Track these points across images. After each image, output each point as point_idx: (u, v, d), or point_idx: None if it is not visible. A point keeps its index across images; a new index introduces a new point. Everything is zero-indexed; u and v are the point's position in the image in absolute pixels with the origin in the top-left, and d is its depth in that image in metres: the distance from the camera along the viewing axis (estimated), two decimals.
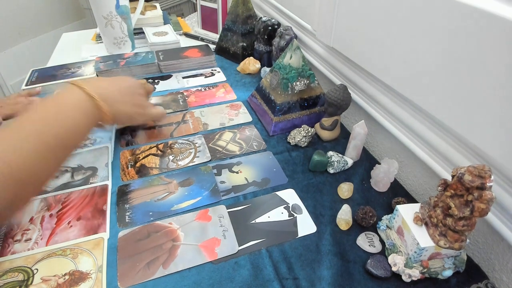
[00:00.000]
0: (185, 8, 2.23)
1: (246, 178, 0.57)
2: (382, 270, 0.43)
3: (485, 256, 0.46)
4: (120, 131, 0.66)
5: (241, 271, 0.43)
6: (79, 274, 0.42)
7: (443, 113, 0.46)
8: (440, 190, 0.40)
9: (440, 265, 0.42)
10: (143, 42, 1.03)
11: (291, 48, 0.63)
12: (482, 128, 0.41)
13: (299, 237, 0.48)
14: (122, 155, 0.61)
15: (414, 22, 0.46)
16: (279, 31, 0.79)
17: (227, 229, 0.48)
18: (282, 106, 0.64)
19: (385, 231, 0.47)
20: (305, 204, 0.52)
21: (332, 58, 0.72)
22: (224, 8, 1.00)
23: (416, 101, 0.50)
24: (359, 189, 0.56)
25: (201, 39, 1.07)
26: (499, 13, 0.35)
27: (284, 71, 0.63)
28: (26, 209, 0.50)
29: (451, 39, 0.42)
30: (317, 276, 0.43)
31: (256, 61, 0.89)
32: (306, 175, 0.58)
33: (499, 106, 0.38)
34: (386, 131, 0.60)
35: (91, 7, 0.89)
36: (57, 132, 0.43)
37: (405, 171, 0.59)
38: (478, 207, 0.35)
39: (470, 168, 0.36)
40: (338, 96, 0.60)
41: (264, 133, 0.68)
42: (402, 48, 0.50)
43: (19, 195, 0.39)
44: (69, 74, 0.82)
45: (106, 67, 0.84)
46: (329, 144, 0.65)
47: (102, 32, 0.93)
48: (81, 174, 0.56)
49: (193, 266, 0.43)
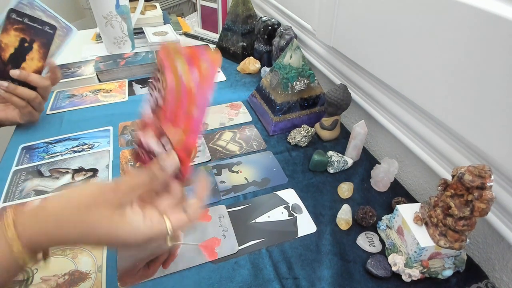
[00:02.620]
0: (185, 8, 2.23)
1: (246, 178, 0.57)
2: (382, 270, 0.43)
3: (485, 256, 0.46)
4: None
5: (241, 271, 0.43)
6: (79, 274, 0.42)
7: (443, 113, 0.46)
8: (440, 190, 0.40)
9: (440, 265, 0.42)
10: (143, 42, 1.03)
11: (291, 48, 0.63)
12: (482, 128, 0.41)
13: (299, 237, 0.48)
14: (122, 155, 0.61)
15: (414, 22, 0.46)
16: (279, 30, 0.79)
17: (227, 229, 0.48)
18: (282, 106, 0.64)
19: (385, 231, 0.47)
20: (305, 204, 0.52)
21: (332, 58, 0.72)
22: (224, 8, 1.00)
23: (416, 101, 0.50)
24: (359, 189, 0.55)
25: (201, 39, 1.07)
26: (498, 12, 0.35)
27: (284, 71, 0.63)
28: None
29: (451, 38, 0.42)
30: (317, 276, 0.43)
31: (256, 61, 0.89)
32: (306, 175, 0.58)
33: (499, 106, 0.38)
34: (386, 131, 0.60)
35: (91, 7, 0.89)
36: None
37: (405, 171, 0.59)
38: (478, 207, 0.35)
39: (470, 168, 0.36)
40: (338, 96, 0.60)
41: (264, 133, 0.68)
42: (402, 48, 0.50)
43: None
44: (69, 74, 0.82)
45: (106, 67, 0.84)
46: (329, 144, 0.65)
47: (102, 32, 0.93)
48: (82, 176, 0.56)
49: (193, 266, 0.43)
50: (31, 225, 0.31)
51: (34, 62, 0.61)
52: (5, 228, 0.30)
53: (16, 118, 0.64)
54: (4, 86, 0.59)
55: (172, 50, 0.34)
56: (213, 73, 0.33)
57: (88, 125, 0.68)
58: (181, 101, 0.35)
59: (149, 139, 0.37)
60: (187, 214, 0.35)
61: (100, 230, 0.32)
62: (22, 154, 0.61)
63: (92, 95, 0.78)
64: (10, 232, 0.30)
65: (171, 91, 0.35)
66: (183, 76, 0.34)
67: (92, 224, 0.31)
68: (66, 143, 0.63)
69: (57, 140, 0.64)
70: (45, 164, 0.58)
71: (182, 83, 0.34)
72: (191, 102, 0.34)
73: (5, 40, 0.58)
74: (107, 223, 0.32)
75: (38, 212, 0.32)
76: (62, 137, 0.65)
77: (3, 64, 0.59)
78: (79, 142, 0.64)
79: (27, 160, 0.59)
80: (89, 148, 0.62)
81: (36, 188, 0.54)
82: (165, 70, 0.35)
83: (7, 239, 0.30)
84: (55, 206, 0.32)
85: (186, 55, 0.34)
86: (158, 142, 0.36)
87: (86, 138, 0.65)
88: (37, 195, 0.52)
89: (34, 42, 0.60)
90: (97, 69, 0.83)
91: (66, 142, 0.64)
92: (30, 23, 0.59)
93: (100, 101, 0.76)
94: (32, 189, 0.53)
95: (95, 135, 0.66)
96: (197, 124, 0.34)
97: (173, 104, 0.35)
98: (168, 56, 0.34)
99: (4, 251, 0.30)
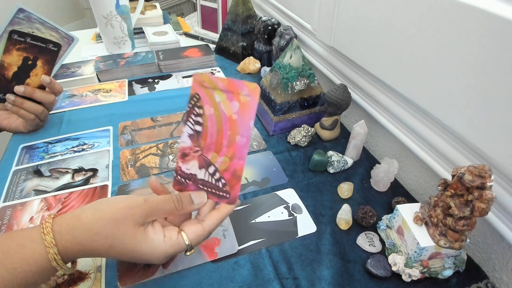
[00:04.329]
0: (185, 8, 2.23)
1: (246, 178, 0.57)
2: (382, 269, 0.43)
3: (485, 256, 0.46)
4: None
5: (241, 270, 0.43)
6: (78, 274, 0.42)
7: (443, 112, 0.46)
8: (440, 189, 0.40)
9: (440, 265, 0.42)
10: (143, 42, 1.03)
11: (291, 47, 0.63)
12: (482, 128, 0.41)
13: (299, 236, 0.48)
14: (122, 155, 0.61)
15: (414, 22, 0.46)
16: (279, 30, 0.79)
17: (227, 228, 0.48)
18: (282, 106, 0.64)
19: (385, 230, 0.47)
20: (305, 204, 0.52)
21: (332, 57, 0.72)
22: (224, 7, 1.00)
23: (416, 101, 0.50)
24: (359, 189, 0.55)
25: (201, 38, 1.07)
26: (498, 12, 0.35)
27: (284, 70, 0.63)
28: (26, 209, 0.50)
29: (451, 38, 0.42)
30: (317, 275, 0.43)
31: (256, 60, 0.89)
32: (306, 175, 0.58)
33: (499, 106, 0.38)
34: (386, 131, 0.60)
35: (91, 6, 0.89)
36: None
37: (405, 171, 0.59)
38: (478, 207, 0.35)
39: (470, 168, 0.36)
40: (338, 96, 0.60)
41: (264, 132, 0.68)
42: (402, 48, 0.50)
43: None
44: (69, 74, 0.82)
45: (106, 67, 0.84)
46: (329, 143, 0.65)
47: (102, 32, 0.93)
48: (82, 175, 0.56)
49: (192, 266, 0.43)
50: (67, 233, 0.34)
51: (39, 78, 0.61)
52: (44, 233, 0.33)
53: (20, 127, 0.64)
54: (11, 100, 0.60)
55: (207, 81, 0.35)
56: (254, 103, 0.34)
57: (88, 125, 0.68)
58: (223, 130, 0.36)
59: (194, 169, 0.38)
60: (202, 224, 0.37)
61: (126, 244, 0.34)
62: (22, 154, 0.61)
63: (92, 95, 0.78)
64: (49, 237, 0.33)
65: (211, 120, 0.36)
66: (222, 106, 0.35)
67: (121, 237, 0.34)
68: (66, 143, 0.63)
69: (57, 140, 0.64)
70: (45, 164, 0.58)
71: (222, 112, 0.35)
72: (234, 130, 0.35)
73: (7, 60, 0.58)
74: (131, 239, 0.34)
75: (74, 223, 0.34)
76: (62, 137, 0.65)
77: (8, 82, 0.60)
78: (79, 142, 0.64)
79: (27, 160, 0.59)
80: (89, 148, 0.62)
81: (36, 188, 0.54)
82: (202, 101, 0.35)
83: (45, 243, 0.33)
84: (88, 217, 0.34)
85: (224, 87, 0.34)
86: (205, 171, 0.38)
87: (86, 138, 0.65)
88: (37, 195, 0.52)
89: (37, 59, 0.60)
90: (97, 69, 0.83)
91: (66, 142, 0.64)
92: (33, 42, 0.59)
93: (100, 101, 0.76)
94: (32, 189, 0.53)
95: (95, 135, 0.66)
96: (242, 150, 0.36)
97: (215, 134, 0.36)
98: (203, 87, 0.35)
99: (42, 254, 0.33)
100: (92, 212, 0.35)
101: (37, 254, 0.33)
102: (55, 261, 0.33)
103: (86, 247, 0.34)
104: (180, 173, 0.39)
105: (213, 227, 0.38)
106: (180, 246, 0.36)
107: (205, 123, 0.36)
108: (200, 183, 0.38)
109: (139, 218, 0.35)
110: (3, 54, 0.57)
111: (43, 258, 0.33)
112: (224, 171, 0.37)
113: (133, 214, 0.35)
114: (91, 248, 0.34)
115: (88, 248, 0.34)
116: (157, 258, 0.36)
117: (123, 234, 0.34)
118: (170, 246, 0.36)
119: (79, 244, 0.34)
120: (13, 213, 0.49)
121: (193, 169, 0.38)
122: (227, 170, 0.37)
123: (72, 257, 0.34)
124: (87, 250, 0.34)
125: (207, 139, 0.36)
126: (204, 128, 0.36)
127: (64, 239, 0.33)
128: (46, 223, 0.34)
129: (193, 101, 0.36)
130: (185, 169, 0.38)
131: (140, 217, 0.35)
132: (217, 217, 0.38)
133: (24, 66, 0.60)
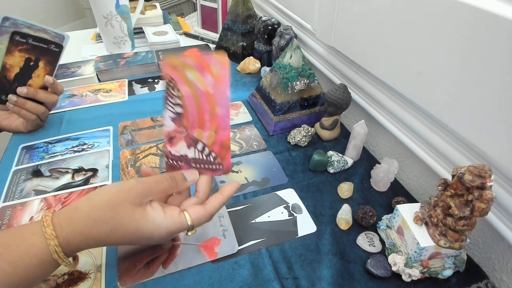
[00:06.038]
0: (185, 8, 2.23)
1: (246, 178, 0.57)
2: (382, 269, 0.43)
3: (485, 256, 0.46)
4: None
5: (241, 270, 0.43)
6: (78, 274, 0.42)
7: (443, 112, 0.46)
8: (440, 189, 0.40)
9: (440, 265, 0.42)
10: (143, 42, 1.03)
11: (291, 47, 0.63)
12: (482, 127, 0.40)
13: (299, 236, 0.48)
14: (122, 155, 0.61)
15: (414, 21, 0.46)
16: (279, 30, 0.79)
17: (227, 228, 0.48)
18: (282, 106, 0.64)
19: (385, 230, 0.47)
20: (305, 204, 0.52)
21: (332, 57, 0.72)
22: (224, 7, 1.00)
23: (416, 101, 0.50)
24: (359, 189, 0.55)
25: (201, 38, 1.07)
26: (498, 12, 0.35)
27: (284, 70, 0.63)
28: (26, 209, 0.50)
29: (451, 38, 0.42)
30: (317, 275, 0.43)
31: (256, 60, 0.89)
32: (306, 175, 0.58)
33: (499, 105, 0.38)
34: (386, 131, 0.60)
35: (91, 6, 0.89)
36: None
37: (405, 171, 0.59)
38: (478, 207, 0.35)
39: (470, 168, 0.36)
40: (338, 96, 0.60)
41: (264, 132, 0.67)
42: (402, 47, 0.50)
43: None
44: (69, 74, 0.82)
45: (105, 67, 0.84)
46: (329, 143, 0.65)
47: (102, 32, 0.93)
48: (82, 175, 0.56)
49: (193, 266, 0.43)
50: (67, 225, 0.34)
51: (41, 79, 0.61)
52: (44, 226, 0.33)
53: (20, 127, 0.64)
54: (13, 101, 0.60)
55: (177, 63, 0.35)
56: (225, 73, 0.35)
57: (88, 125, 0.68)
58: (202, 106, 0.36)
59: (183, 150, 0.39)
60: (205, 207, 0.38)
61: (127, 226, 0.34)
62: (22, 154, 0.61)
63: (92, 95, 0.78)
64: (49, 229, 0.33)
65: (189, 99, 0.36)
66: (197, 83, 0.35)
67: (121, 220, 0.34)
68: (66, 143, 0.63)
69: (57, 140, 0.64)
70: (45, 164, 0.58)
71: (198, 89, 0.35)
72: (212, 103, 0.36)
73: (9, 61, 0.58)
74: (130, 219, 0.34)
75: (72, 215, 0.35)
76: (62, 137, 0.65)
77: (10, 83, 0.59)
78: (79, 142, 0.64)
79: (27, 160, 0.59)
80: (89, 148, 0.62)
81: (36, 188, 0.54)
82: (177, 83, 0.36)
83: (45, 236, 0.33)
84: (85, 206, 0.35)
85: (194, 64, 0.35)
86: (194, 149, 0.39)
87: (86, 138, 0.65)
88: (37, 195, 0.52)
89: (39, 60, 0.60)
90: (97, 69, 0.83)
91: (66, 142, 0.64)
92: (35, 43, 0.59)
93: (100, 101, 0.76)
94: (32, 189, 0.53)
95: (95, 135, 0.66)
96: (224, 120, 0.36)
97: (195, 111, 0.36)
98: (174, 69, 0.35)
99: (42, 247, 0.33)
100: (88, 201, 0.35)
101: (37, 247, 0.33)
102: (56, 253, 0.33)
103: (88, 236, 0.34)
104: (171, 157, 0.39)
105: (215, 210, 0.38)
106: (182, 224, 0.36)
107: (184, 103, 0.36)
108: (192, 161, 0.39)
109: (135, 198, 0.35)
110: (5, 55, 0.57)
111: (43, 251, 0.33)
112: (212, 144, 0.38)
113: (128, 196, 0.35)
114: (93, 236, 0.34)
115: (90, 236, 0.34)
116: (159, 235, 0.36)
117: (122, 217, 0.34)
118: (172, 223, 0.36)
119: (81, 233, 0.34)
120: (13, 213, 0.49)
121: (182, 150, 0.39)
122: (214, 143, 0.38)
123: (74, 249, 0.35)
124: (90, 239, 0.34)
125: (189, 118, 0.37)
126: (184, 108, 0.37)
127: (65, 231, 0.34)
128: (46, 216, 0.34)
129: (168, 85, 0.36)
130: (175, 152, 0.39)
131: (136, 198, 0.35)
132: (219, 200, 0.39)
133: (26, 67, 0.60)
